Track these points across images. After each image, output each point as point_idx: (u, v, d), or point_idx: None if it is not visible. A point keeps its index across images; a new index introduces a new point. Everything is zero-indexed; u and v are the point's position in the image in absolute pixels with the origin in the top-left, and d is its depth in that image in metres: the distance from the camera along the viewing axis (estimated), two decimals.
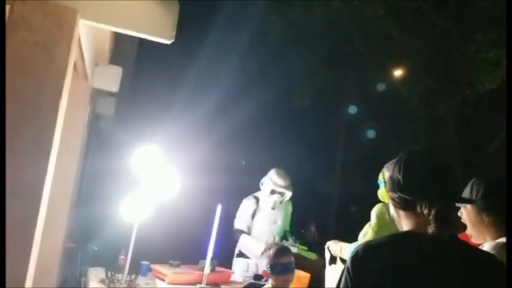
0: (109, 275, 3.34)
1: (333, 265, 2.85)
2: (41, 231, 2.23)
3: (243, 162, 17.46)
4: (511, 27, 3.94)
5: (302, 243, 4.06)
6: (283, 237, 4.20)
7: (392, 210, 1.41)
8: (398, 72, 10.72)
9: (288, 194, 4.27)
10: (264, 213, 4.20)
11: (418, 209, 1.28)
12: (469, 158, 9.92)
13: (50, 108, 2.19)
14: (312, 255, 3.93)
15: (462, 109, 10.17)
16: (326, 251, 2.96)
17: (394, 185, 1.35)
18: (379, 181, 2.73)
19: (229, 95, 12.22)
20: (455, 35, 9.17)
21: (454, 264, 1.23)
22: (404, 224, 1.35)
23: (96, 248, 4.97)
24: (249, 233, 4.17)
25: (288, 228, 4.33)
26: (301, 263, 4.00)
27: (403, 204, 1.34)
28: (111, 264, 3.59)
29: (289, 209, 4.42)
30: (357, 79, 12.44)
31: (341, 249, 2.80)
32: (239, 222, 4.21)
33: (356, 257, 1.27)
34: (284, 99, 12.91)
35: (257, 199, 4.24)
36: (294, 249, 3.85)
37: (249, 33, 11.54)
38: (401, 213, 1.36)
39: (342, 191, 14.46)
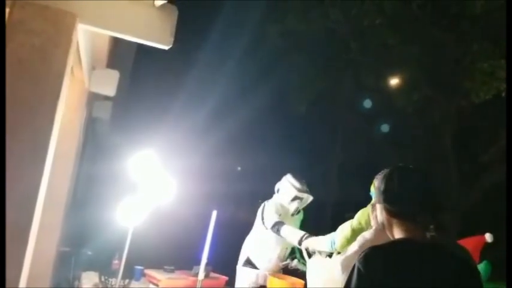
0: (102, 279, 3.34)
1: (313, 258, 2.93)
2: (36, 234, 2.23)
3: (239, 168, 17.48)
4: (511, 31, 3.95)
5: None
6: (292, 251, 3.99)
7: (381, 218, 1.55)
8: (394, 81, 10.78)
9: (309, 199, 4.14)
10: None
11: (414, 218, 1.47)
12: (464, 167, 9.98)
13: (47, 111, 2.19)
14: None
15: (458, 119, 10.23)
16: (303, 250, 3.04)
17: (391, 197, 1.51)
18: (371, 193, 2.78)
19: (226, 101, 12.26)
20: (451, 45, 9.25)
21: (440, 268, 1.41)
22: (397, 231, 1.51)
23: (90, 252, 4.94)
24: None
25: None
26: (296, 270, 3.98)
27: (399, 214, 1.50)
28: (104, 268, 3.59)
29: (301, 217, 4.27)
30: (354, 87, 12.50)
31: (319, 242, 2.90)
32: (276, 217, 3.88)
33: (366, 258, 1.42)
34: (281, 107, 12.96)
35: (278, 206, 4.07)
36: (304, 268, 3.68)
37: (247, 40, 11.60)
38: (395, 221, 1.51)
39: (338, 197, 14.48)
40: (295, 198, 3.96)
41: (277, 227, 3.80)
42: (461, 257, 1.47)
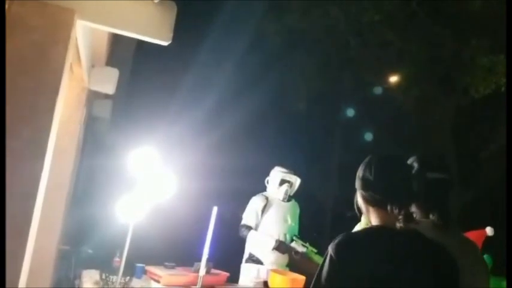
0: (103, 277, 3.33)
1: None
2: (36, 233, 2.23)
3: (239, 165, 17.44)
4: (511, 25, 3.94)
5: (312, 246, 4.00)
6: (293, 238, 4.11)
7: (361, 204, 1.60)
8: (393, 78, 10.77)
9: (297, 182, 4.24)
10: (275, 211, 4.11)
11: (386, 206, 1.49)
12: (464, 163, 9.97)
13: (46, 109, 2.18)
14: (320, 259, 3.86)
15: (457, 115, 10.22)
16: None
17: (366, 185, 1.55)
18: None
19: (225, 98, 12.24)
20: (449, 41, 9.24)
21: (413, 254, 1.44)
22: (373, 218, 1.55)
23: (90, 250, 4.94)
24: (256, 230, 4.07)
25: (296, 232, 4.24)
26: (298, 266, 4.01)
27: (373, 201, 1.54)
28: (105, 266, 3.58)
29: (297, 210, 4.36)
30: (353, 84, 12.49)
31: None
32: (247, 218, 4.09)
33: (338, 245, 1.44)
34: (280, 104, 12.95)
35: (266, 197, 4.18)
36: (303, 249, 3.87)
37: (246, 37, 11.58)
38: (371, 208, 1.55)
39: (338, 195, 14.46)
40: (282, 182, 4.12)
41: (243, 230, 4.05)
42: (436, 244, 1.48)
